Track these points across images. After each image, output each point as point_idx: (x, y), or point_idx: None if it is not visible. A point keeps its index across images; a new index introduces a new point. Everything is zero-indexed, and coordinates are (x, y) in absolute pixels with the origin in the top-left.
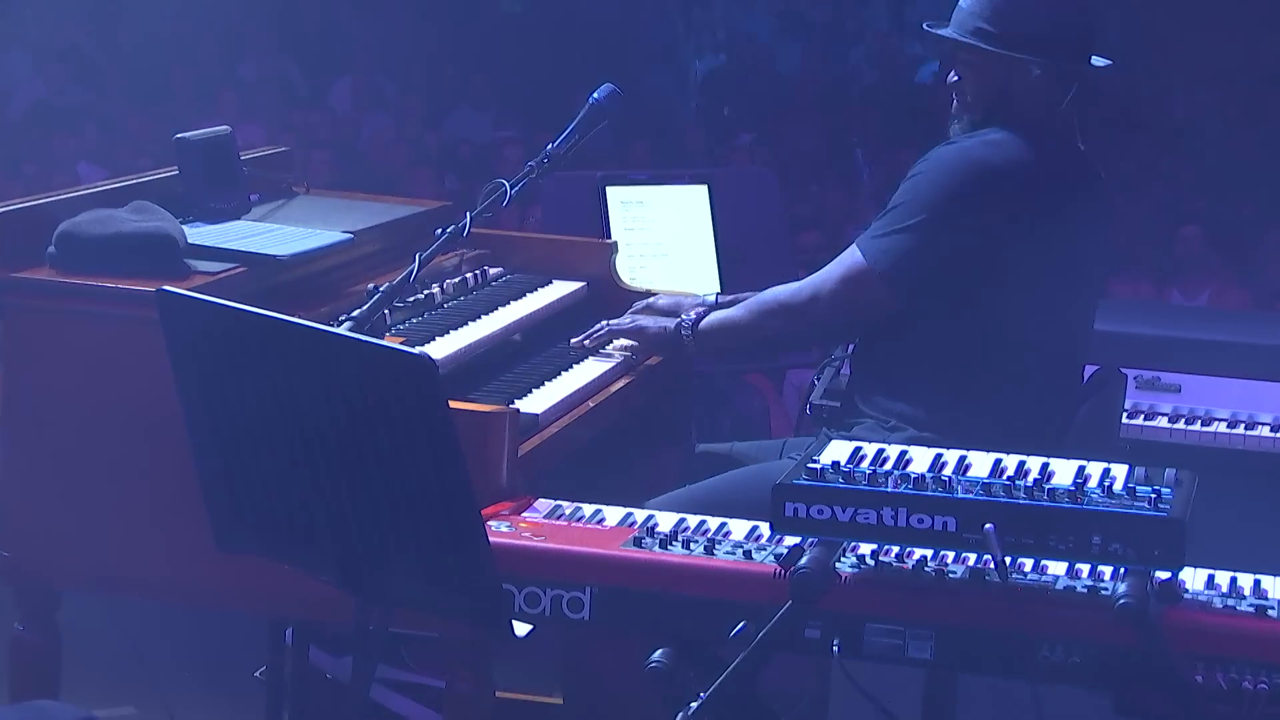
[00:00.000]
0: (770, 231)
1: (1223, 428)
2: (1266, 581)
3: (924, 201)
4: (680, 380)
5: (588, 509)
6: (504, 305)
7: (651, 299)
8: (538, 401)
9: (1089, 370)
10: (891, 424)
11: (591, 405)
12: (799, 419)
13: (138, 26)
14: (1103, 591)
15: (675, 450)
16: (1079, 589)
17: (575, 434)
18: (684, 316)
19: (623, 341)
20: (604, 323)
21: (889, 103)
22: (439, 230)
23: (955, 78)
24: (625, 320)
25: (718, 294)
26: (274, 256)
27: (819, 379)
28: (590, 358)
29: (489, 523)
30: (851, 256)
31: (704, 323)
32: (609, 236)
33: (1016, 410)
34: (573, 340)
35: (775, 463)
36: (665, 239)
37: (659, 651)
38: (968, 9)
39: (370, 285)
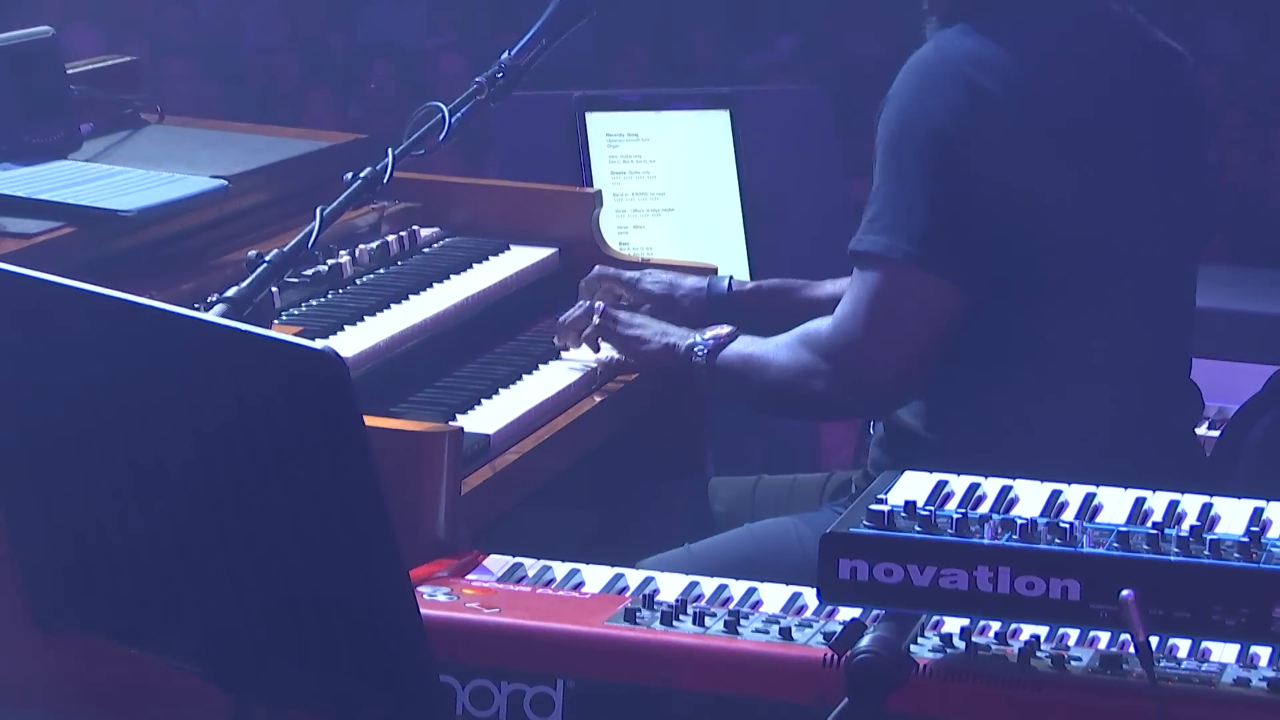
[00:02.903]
0: (818, 174)
1: None
2: None
3: (912, 143)
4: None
5: (559, 569)
6: (441, 281)
7: (638, 276)
8: (489, 417)
9: (1267, 371)
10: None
11: (565, 423)
12: (859, 442)
13: None
14: None
15: (685, 485)
16: (1255, 682)
17: (542, 463)
18: (697, 338)
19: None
20: (587, 305)
21: None
22: (349, 175)
23: None
24: (621, 322)
25: (731, 278)
26: (115, 212)
27: None
28: (564, 355)
29: (420, 588)
30: (864, 271)
31: (725, 356)
32: (590, 183)
33: (1098, 421)
34: (556, 338)
35: (825, 510)
36: (670, 186)
37: None
38: None
39: (252, 253)
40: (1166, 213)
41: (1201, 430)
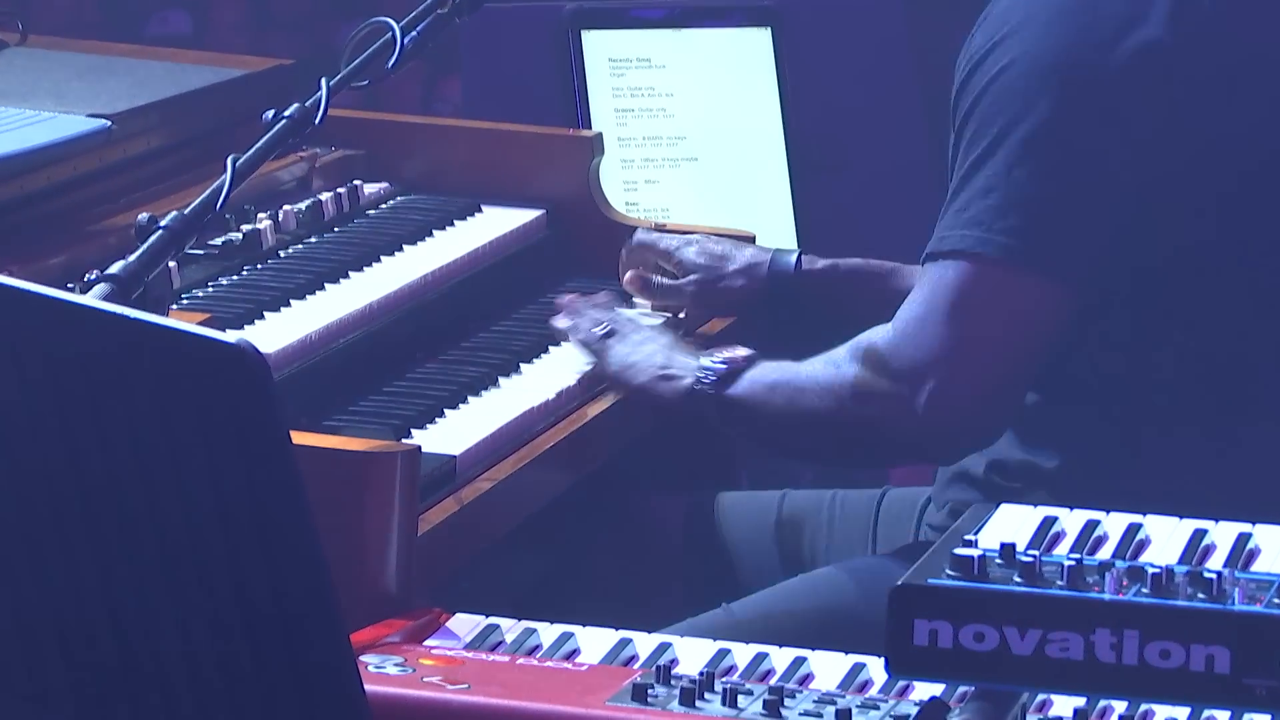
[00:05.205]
0: (888, 110)
1: None
2: None
3: (1020, 108)
4: None
5: (547, 633)
6: (391, 253)
7: (678, 243)
8: (454, 433)
9: None
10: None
11: (555, 441)
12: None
13: None
14: None
15: (683, 504)
16: None
17: (523, 494)
18: (705, 362)
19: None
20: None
21: None
22: (270, 114)
23: None
24: (616, 332)
25: (799, 254)
26: None
27: None
28: (554, 349)
29: (365, 658)
30: (949, 270)
31: (743, 383)
32: (587, 125)
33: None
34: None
35: (890, 556)
36: (693, 127)
37: None
38: None
39: (144, 216)
40: None
41: None
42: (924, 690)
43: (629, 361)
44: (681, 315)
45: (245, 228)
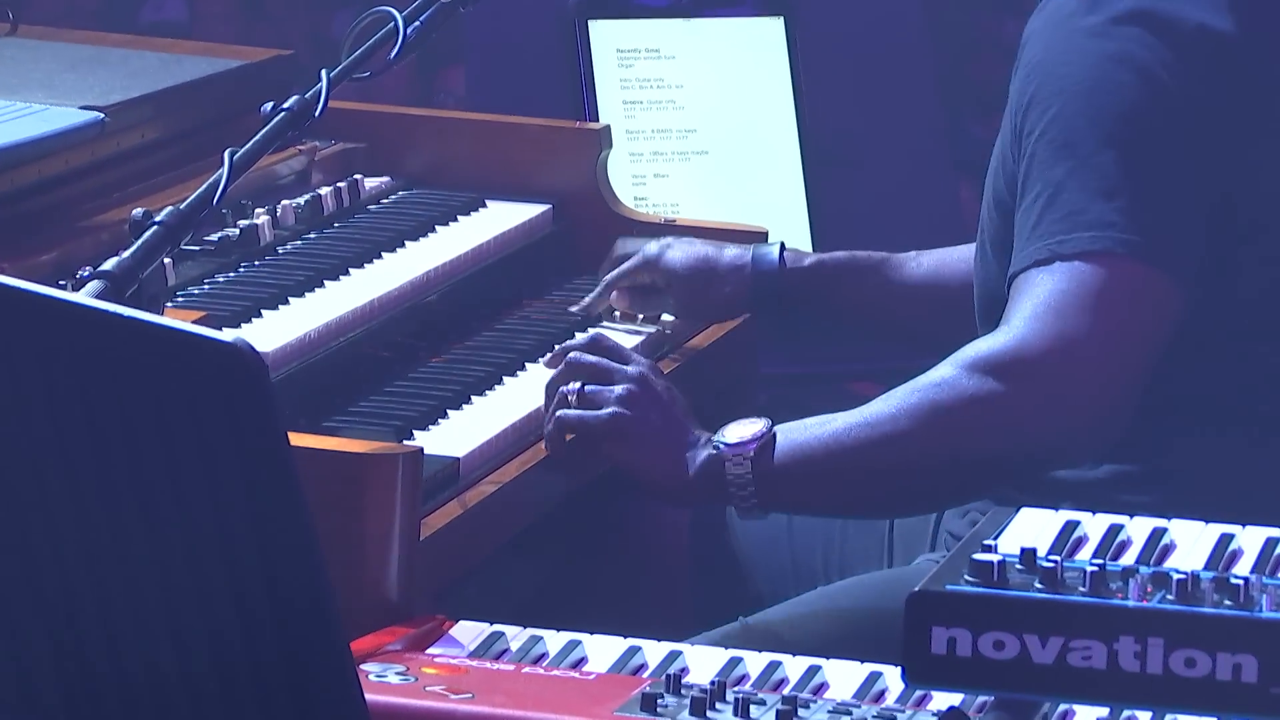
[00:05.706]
0: (905, 103)
1: None
2: None
3: (1109, 107)
4: (741, 384)
5: (553, 641)
6: (392, 249)
7: (658, 251)
8: (458, 435)
9: None
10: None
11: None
12: None
13: None
14: None
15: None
16: None
17: (528, 497)
18: (720, 440)
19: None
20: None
21: None
22: (269, 106)
23: None
24: (604, 397)
25: (782, 247)
26: None
27: None
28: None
29: (365, 666)
30: (1081, 269)
31: (786, 449)
32: (594, 117)
33: None
34: (544, 360)
35: (921, 562)
36: (703, 120)
37: None
38: None
39: (138, 211)
40: None
41: None
42: (942, 700)
43: (621, 419)
44: (668, 330)
45: (242, 223)
